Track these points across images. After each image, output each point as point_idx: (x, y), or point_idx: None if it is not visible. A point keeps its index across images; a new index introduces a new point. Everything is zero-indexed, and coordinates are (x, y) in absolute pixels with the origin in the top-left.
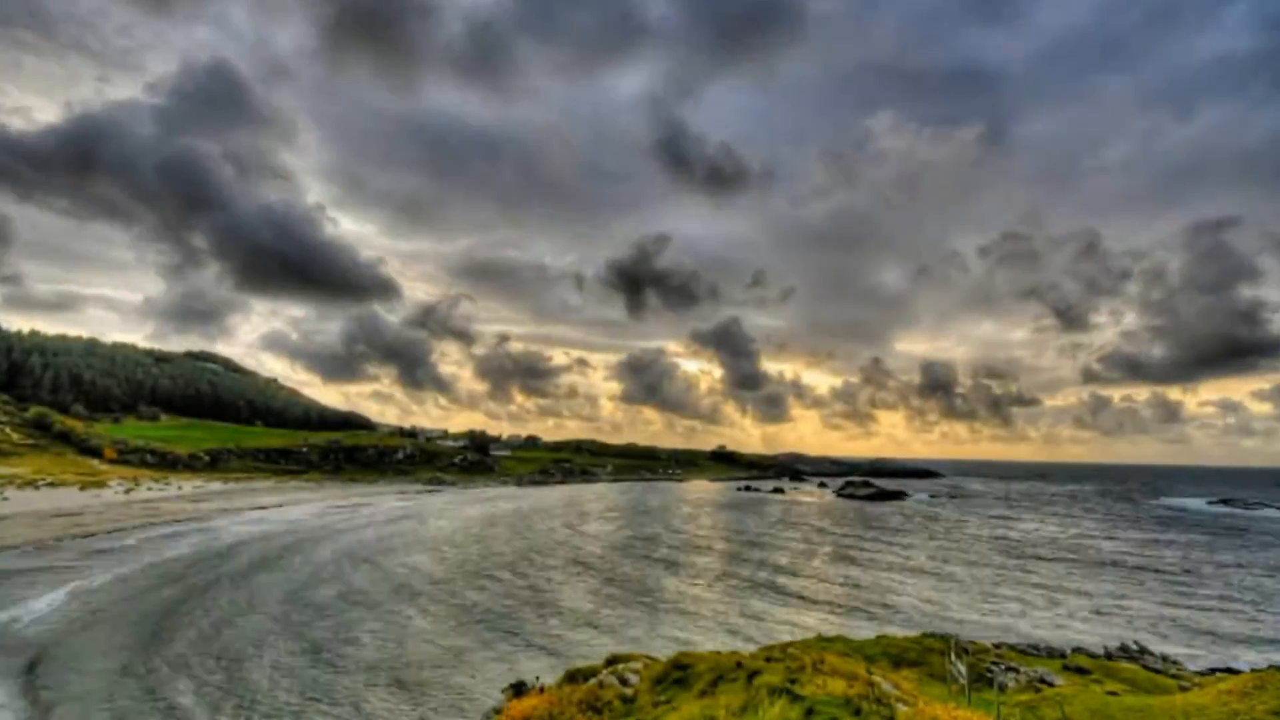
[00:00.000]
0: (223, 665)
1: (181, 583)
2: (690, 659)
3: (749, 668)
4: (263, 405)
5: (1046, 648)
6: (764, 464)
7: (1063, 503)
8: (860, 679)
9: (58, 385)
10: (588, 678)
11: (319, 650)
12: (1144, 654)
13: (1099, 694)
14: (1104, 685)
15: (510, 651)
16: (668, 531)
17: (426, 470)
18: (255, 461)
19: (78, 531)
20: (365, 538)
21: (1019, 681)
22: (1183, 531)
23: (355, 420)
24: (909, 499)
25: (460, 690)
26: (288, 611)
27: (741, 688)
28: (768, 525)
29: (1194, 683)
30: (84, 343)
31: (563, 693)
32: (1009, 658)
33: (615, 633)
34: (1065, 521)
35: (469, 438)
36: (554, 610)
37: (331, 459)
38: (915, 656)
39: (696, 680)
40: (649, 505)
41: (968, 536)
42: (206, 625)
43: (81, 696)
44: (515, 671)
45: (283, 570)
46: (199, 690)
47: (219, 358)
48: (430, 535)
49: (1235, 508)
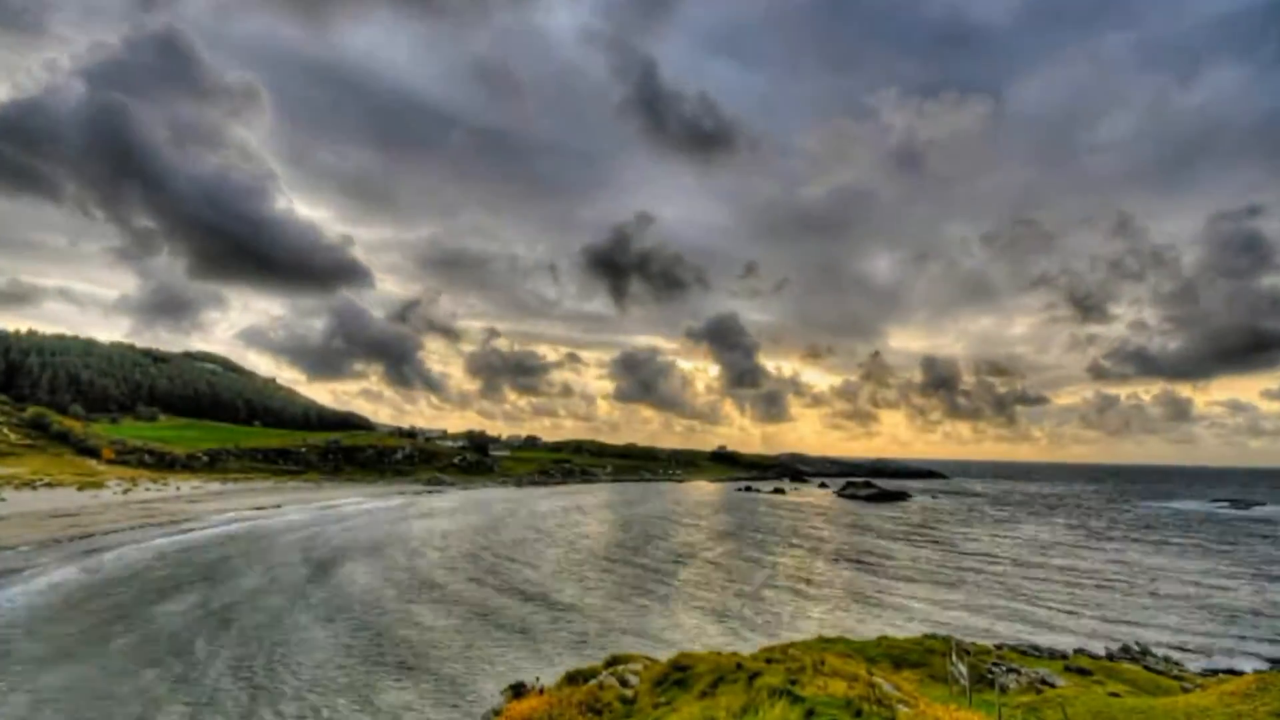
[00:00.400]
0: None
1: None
2: (690, 660)
3: (749, 669)
4: (261, 405)
5: (1048, 649)
6: (764, 464)
7: (1065, 509)
8: (861, 680)
9: (55, 385)
10: (588, 679)
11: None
12: (1146, 655)
13: (1101, 695)
14: (1106, 686)
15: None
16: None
17: (426, 470)
18: (254, 462)
19: (75, 532)
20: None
21: (1020, 683)
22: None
23: (354, 420)
24: (913, 499)
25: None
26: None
27: (742, 689)
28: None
29: (1196, 684)
30: (82, 342)
31: (562, 694)
32: (1010, 659)
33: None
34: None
35: (468, 438)
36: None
37: (330, 459)
38: (917, 658)
39: (697, 681)
40: (647, 514)
41: (964, 540)
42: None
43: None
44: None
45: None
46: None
47: (217, 357)
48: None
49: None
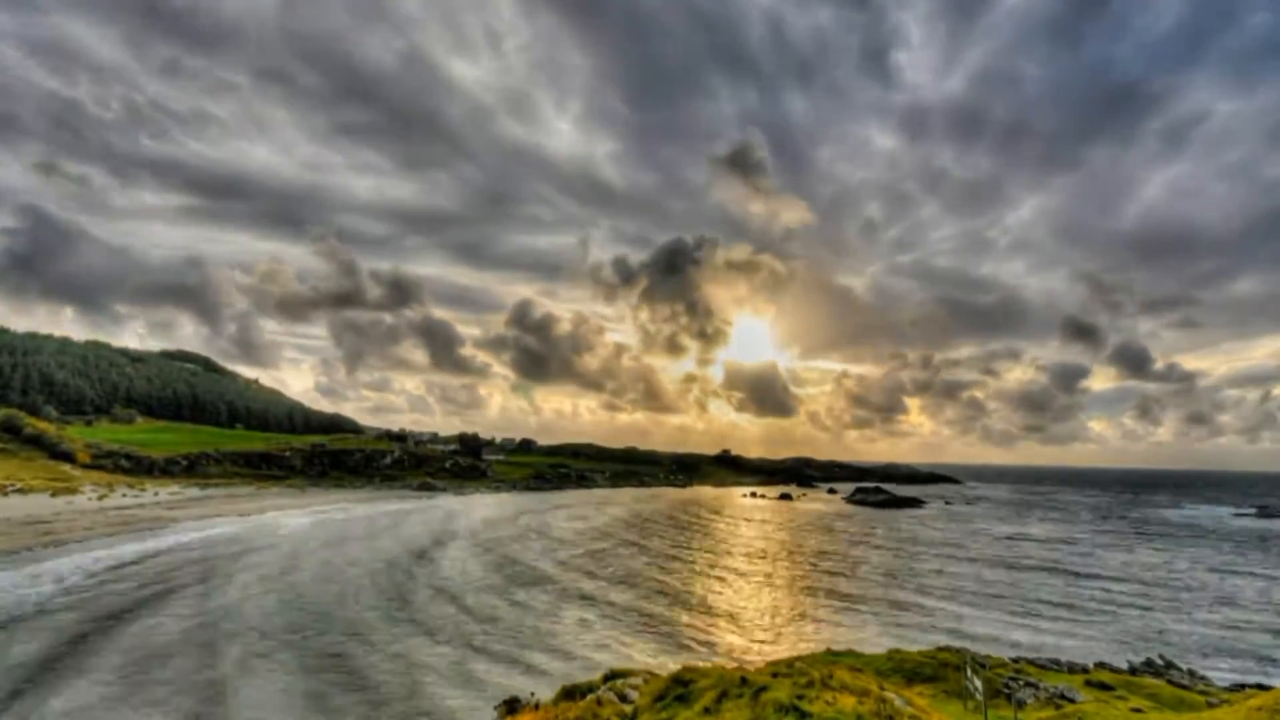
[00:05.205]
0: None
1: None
2: (693, 674)
3: (755, 683)
4: (243, 407)
5: (1068, 662)
6: (770, 468)
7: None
8: (872, 695)
9: (28, 386)
10: (585, 694)
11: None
12: (1170, 669)
13: (1123, 711)
14: (1128, 701)
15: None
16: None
17: (416, 475)
18: (235, 466)
19: (48, 540)
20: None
21: (1038, 698)
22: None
23: (341, 423)
24: (926, 507)
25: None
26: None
27: (747, 704)
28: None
29: (1222, 699)
30: (56, 341)
31: (558, 709)
32: (1028, 673)
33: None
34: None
35: (459, 441)
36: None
37: (316, 464)
38: (930, 672)
39: (699, 697)
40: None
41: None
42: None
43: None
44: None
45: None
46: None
47: (197, 357)
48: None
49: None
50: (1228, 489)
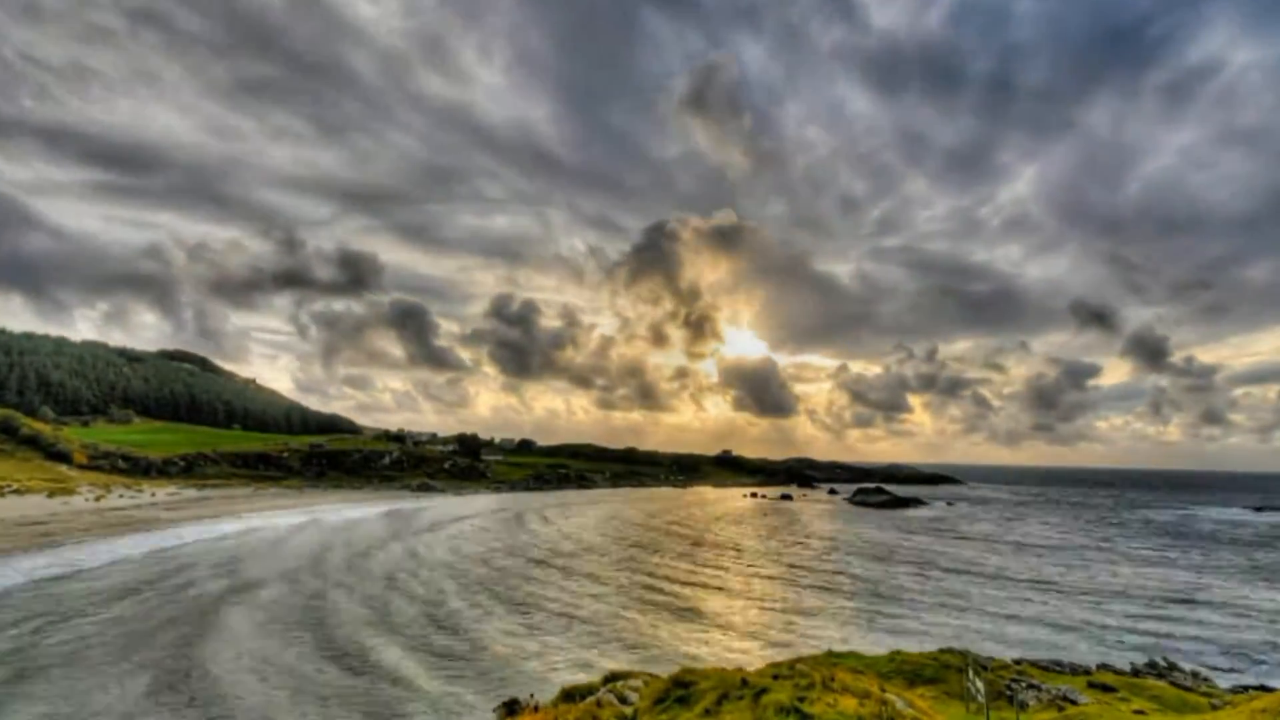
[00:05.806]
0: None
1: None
2: (693, 676)
3: (755, 685)
4: (240, 407)
5: (1070, 664)
6: (771, 469)
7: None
8: (873, 697)
9: (24, 386)
10: (584, 696)
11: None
12: (1173, 670)
13: (1126, 713)
14: (1131, 704)
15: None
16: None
17: (415, 475)
18: (232, 467)
19: (44, 541)
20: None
21: (1041, 700)
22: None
23: (339, 424)
24: (928, 506)
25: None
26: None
27: (748, 706)
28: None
29: (1226, 701)
30: (53, 341)
31: (558, 711)
32: (1030, 674)
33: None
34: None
35: (459, 441)
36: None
37: (314, 464)
38: (932, 673)
39: (700, 699)
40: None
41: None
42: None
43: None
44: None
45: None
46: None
47: (195, 357)
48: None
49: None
50: (1240, 490)
